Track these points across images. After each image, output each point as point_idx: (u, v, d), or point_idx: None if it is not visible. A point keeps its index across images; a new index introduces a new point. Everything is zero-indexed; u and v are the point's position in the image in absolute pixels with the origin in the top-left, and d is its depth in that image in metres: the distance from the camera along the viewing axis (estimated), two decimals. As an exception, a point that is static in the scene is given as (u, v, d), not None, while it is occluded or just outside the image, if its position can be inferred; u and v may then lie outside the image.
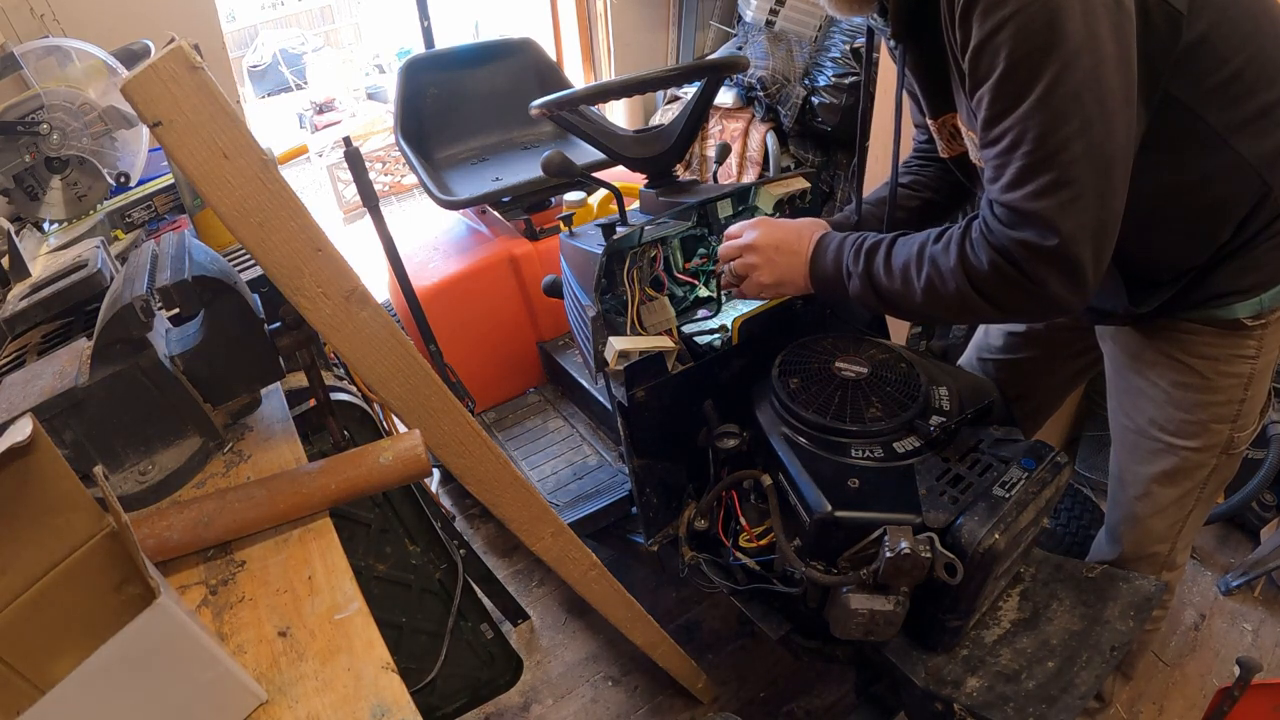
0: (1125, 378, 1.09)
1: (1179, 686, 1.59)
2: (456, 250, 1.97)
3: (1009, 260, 0.79)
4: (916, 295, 0.88)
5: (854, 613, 0.91)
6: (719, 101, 2.87)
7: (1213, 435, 1.03)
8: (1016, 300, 0.82)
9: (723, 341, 1.22)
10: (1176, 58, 0.78)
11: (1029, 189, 0.75)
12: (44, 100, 1.40)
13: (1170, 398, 1.03)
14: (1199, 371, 0.99)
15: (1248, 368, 0.98)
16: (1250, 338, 0.95)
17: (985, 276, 0.82)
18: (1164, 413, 1.05)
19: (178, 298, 0.81)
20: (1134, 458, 1.12)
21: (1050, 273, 0.77)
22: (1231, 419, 1.02)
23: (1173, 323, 0.99)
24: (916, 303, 0.89)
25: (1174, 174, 0.85)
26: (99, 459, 0.81)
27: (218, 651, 0.58)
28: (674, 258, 1.27)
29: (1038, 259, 0.77)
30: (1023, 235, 0.77)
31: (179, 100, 0.59)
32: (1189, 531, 1.15)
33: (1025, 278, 0.79)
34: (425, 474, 0.82)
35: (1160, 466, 1.08)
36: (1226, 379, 0.99)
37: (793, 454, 0.99)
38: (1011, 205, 0.77)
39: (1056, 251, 0.75)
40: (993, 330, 1.39)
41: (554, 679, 1.71)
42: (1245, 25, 0.80)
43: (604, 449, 1.77)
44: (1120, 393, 1.11)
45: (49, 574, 0.54)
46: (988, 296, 0.83)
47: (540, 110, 1.25)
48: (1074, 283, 0.77)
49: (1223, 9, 0.78)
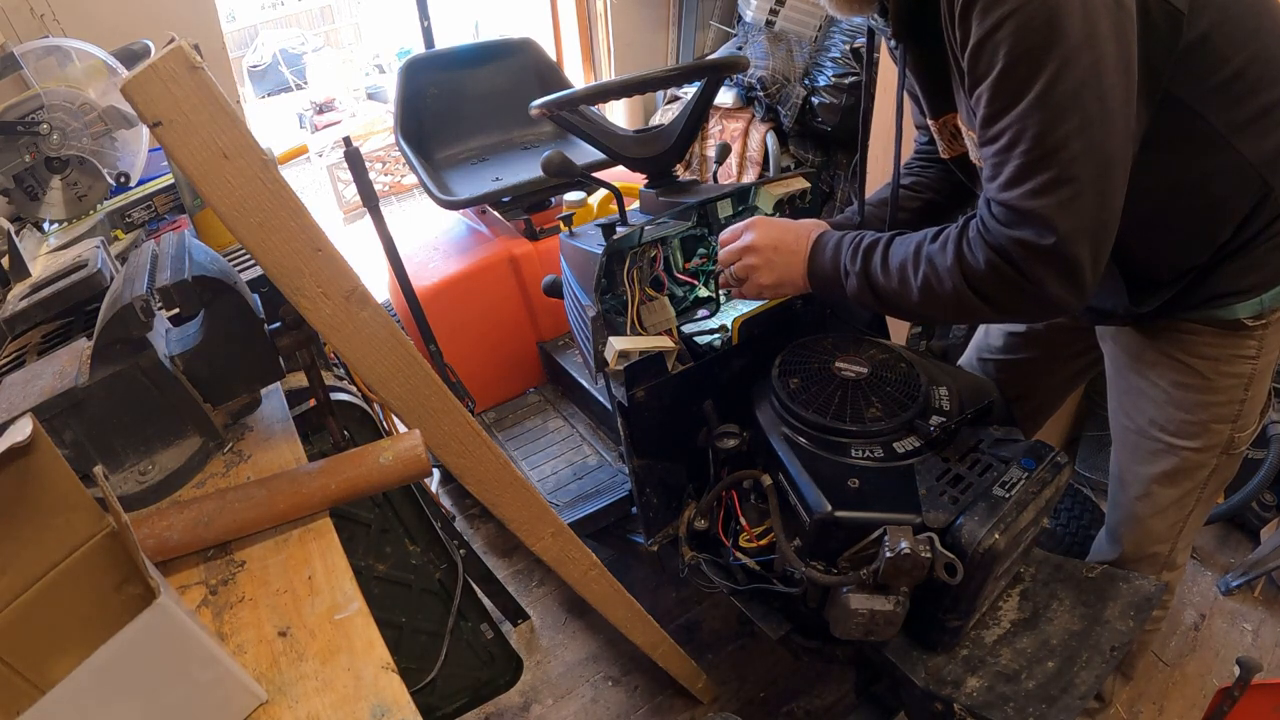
0: (1126, 378, 1.09)
1: (1179, 686, 1.59)
2: (456, 250, 1.97)
3: (1006, 259, 0.79)
4: (913, 295, 0.88)
5: (854, 613, 0.91)
6: (719, 101, 2.87)
7: (1213, 435, 1.03)
8: (1014, 300, 0.81)
9: (723, 341, 1.22)
10: (1177, 57, 0.78)
11: (1027, 187, 0.75)
12: (44, 100, 1.40)
13: (1171, 398, 1.03)
14: (1200, 372, 0.99)
15: (1248, 368, 0.98)
16: (1251, 338, 0.95)
17: (982, 276, 0.81)
18: (1164, 413, 1.05)
19: (178, 298, 0.81)
20: (1135, 458, 1.12)
21: (1048, 272, 0.77)
22: (1232, 419, 1.02)
23: (1173, 323, 0.99)
24: (913, 302, 0.89)
25: (1175, 173, 0.85)
26: (99, 459, 0.81)
27: (218, 651, 0.58)
28: (674, 258, 1.27)
29: (1035, 258, 0.76)
30: (1020, 234, 0.77)
31: (179, 100, 0.59)
32: (1189, 532, 1.15)
33: (1023, 277, 0.78)
34: (425, 474, 0.82)
35: (1161, 467, 1.08)
36: (1227, 379, 0.99)
37: (793, 454, 0.99)
38: (1009, 204, 0.77)
39: (1054, 250, 0.75)
40: (993, 330, 1.39)
41: (554, 679, 1.71)
42: (1248, 23, 0.80)
43: (604, 449, 1.77)
44: (1121, 393, 1.11)
45: (49, 574, 0.54)
46: (984, 296, 0.83)
47: (540, 110, 1.25)
48: (1072, 283, 0.77)
49: (1224, 8, 0.78)
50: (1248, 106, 0.82)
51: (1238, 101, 0.81)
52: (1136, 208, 0.79)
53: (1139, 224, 0.84)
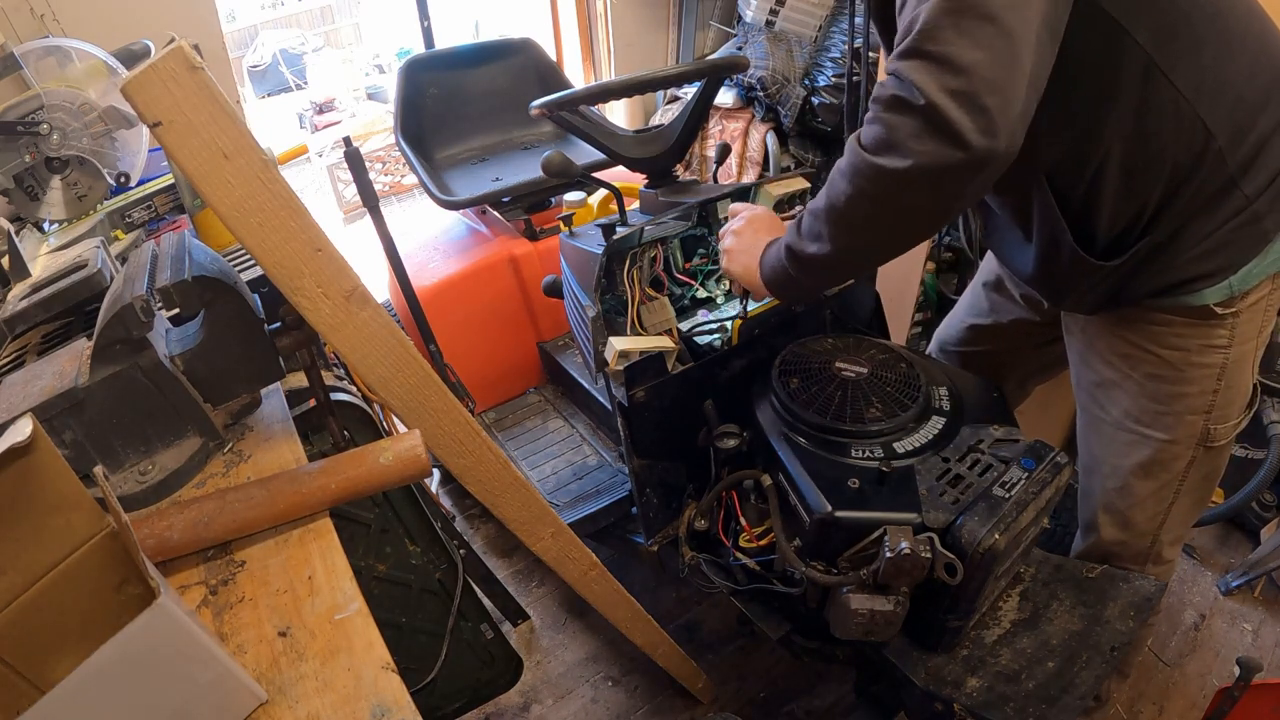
0: (1096, 370, 1.07)
1: (1179, 686, 1.59)
2: (456, 250, 1.97)
3: (894, 96, 0.72)
4: (833, 215, 0.83)
5: (854, 613, 0.91)
6: (719, 101, 2.87)
7: (1187, 427, 1.02)
8: (915, 141, 0.72)
9: (723, 341, 1.22)
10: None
11: (920, 30, 0.70)
12: (44, 100, 1.40)
13: (1144, 389, 1.02)
14: (1170, 363, 0.98)
15: (1220, 357, 0.97)
16: (1222, 326, 0.94)
17: (875, 134, 0.75)
18: (1138, 404, 1.04)
19: (178, 298, 0.81)
20: (1110, 450, 1.10)
21: (929, 81, 0.69)
22: (1205, 410, 1.00)
23: (1142, 313, 0.97)
24: (834, 223, 0.83)
25: (1102, 91, 0.83)
26: (99, 459, 0.81)
27: (218, 651, 0.58)
28: (674, 258, 1.27)
29: (918, 65, 0.70)
30: (902, 65, 0.71)
31: (179, 100, 0.59)
32: (1174, 526, 1.13)
33: (916, 111, 0.70)
34: (425, 474, 0.82)
35: (1136, 458, 1.07)
36: (1199, 370, 0.98)
37: (793, 454, 0.99)
38: (900, 54, 0.71)
39: (941, 54, 0.68)
40: (953, 323, 1.39)
41: (554, 679, 1.71)
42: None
43: (604, 449, 1.77)
44: (1092, 385, 1.09)
45: (49, 574, 0.54)
46: (885, 149, 0.74)
47: (540, 110, 1.25)
48: (973, 106, 0.69)
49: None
50: (1180, 33, 0.80)
51: (1169, 25, 0.80)
52: (1064, 129, 0.78)
53: (1073, 155, 0.83)
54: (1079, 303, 1.02)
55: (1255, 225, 0.88)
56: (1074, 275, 0.97)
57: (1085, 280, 0.96)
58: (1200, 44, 0.82)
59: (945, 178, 0.73)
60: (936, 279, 2.36)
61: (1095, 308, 1.01)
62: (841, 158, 0.82)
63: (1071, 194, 0.91)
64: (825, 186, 0.85)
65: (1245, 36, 0.85)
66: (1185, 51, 0.81)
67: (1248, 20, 0.85)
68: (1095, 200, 0.90)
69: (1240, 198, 0.87)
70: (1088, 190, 0.90)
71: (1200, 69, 0.82)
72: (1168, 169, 0.86)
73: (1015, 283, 1.24)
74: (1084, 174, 0.89)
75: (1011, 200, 1.00)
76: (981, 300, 1.33)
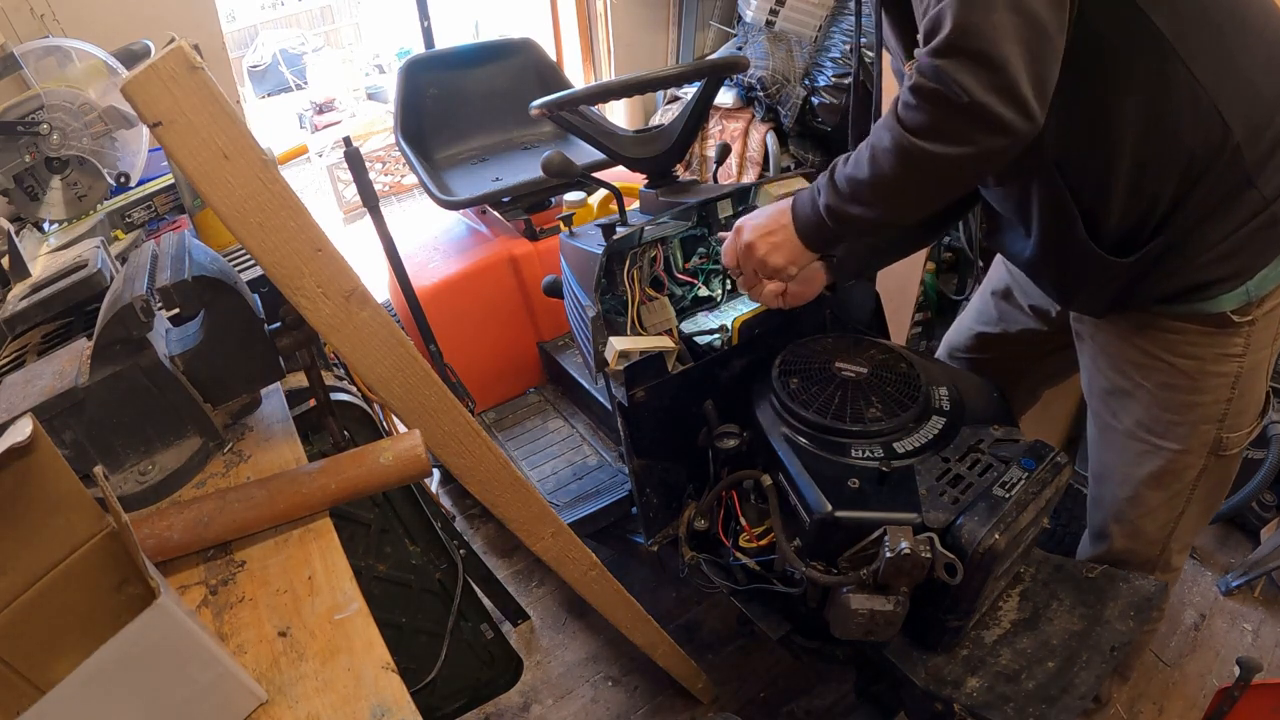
0: (1108, 377, 1.06)
1: (1179, 686, 1.59)
2: (456, 250, 1.97)
3: (929, 76, 0.76)
4: (868, 174, 0.86)
5: (854, 613, 0.91)
6: (719, 101, 2.87)
7: (1200, 436, 1.01)
8: (947, 120, 0.77)
9: (723, 341, 1.22)
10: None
11: (953, 26, 0.73)
12: (44, 100, 1.40)
13: (1156, 398, 1.00)
14: (1185, 372, 0.97)
15: (1234, 366, 0.95)
16: (1238, 334, 0.93)
17: (914, 107, 0.79)
18: (1150, 414, 1.02)
19: (178, 298, 0.81)
20: (1122, 459, 1.09)
21: (973, 82, 0.73)
22: (1218, 419, 0.99)
23: (1155, 320, 0.96)
24: (871, 182, 0.86)
25: (1120, 78, 0.83)
26: (99, 459, 0.81)
27: (218, 651, 0.58)
28: (674, 258, 1.27)
29: (957, 59, 0.73)
30: (939, 43, 0.74)
31: (179, 100, 0.59)
32: (1184, 534, 1.12)
33: (946, 87, 0.75)
34: (425, 474, 0.82)
35: (1148, 468, 1.06)
36: (1213, 379, 0.96)
37: (793, 454, 0.99)
38: (936, 50, 0.75)
39: (977, 50, 0.72)
40: (961, 329, 1.39)
41: (554, 679, 1.71)
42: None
43: (604, 449, 1.77)
44: (1104, 393, 1.08)
45: (49, 574, 0.54)
46: (920, 130, 0.79)
47: (540, 110, 1.25)
48: (1013, 97, 0.73)
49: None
50: (1200, 21, 0.80)
51: (1190, 13, 0.79)
52: (1075, 113, 0.79)
53: (1088, 141, 0.83)
54: (1089, 302, 1.00)
55: (1273, 228, 0.86)
56: (1084, 270, 0.95)
57: (1096, 277, 0.94)
58: (1220, 35, 0.81)
59: (993, 159, 0.79)
60: (936, 279, 2.36)
61: (1106, 309, 0.99)
62: (878, 133, 0.84)
63: (1082, 184, 0.90)
64: (865, 160, 0.86)
65: (1263, 32, 0.84)
66: (1205, 40, 0.80)
67: (1264, 17, 0.84)
68: (1106, 192, 0.89)
69: (1257, 198, 0.85)
70: (1099, 181, 0.89)
71: (1219, 60, 0.81)
72: (1182, 163, 0.84)
73: (1024, 293, 1.23)
74: (1095, 163, 0.88)
75: (1015, 192, 0.99)
76: (990, 309, 1.32)
